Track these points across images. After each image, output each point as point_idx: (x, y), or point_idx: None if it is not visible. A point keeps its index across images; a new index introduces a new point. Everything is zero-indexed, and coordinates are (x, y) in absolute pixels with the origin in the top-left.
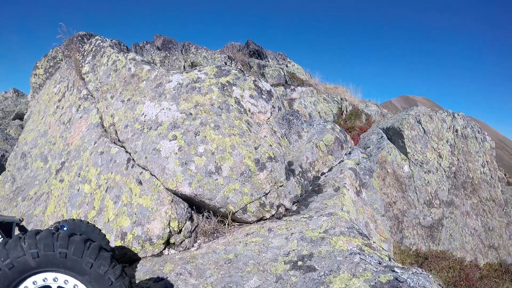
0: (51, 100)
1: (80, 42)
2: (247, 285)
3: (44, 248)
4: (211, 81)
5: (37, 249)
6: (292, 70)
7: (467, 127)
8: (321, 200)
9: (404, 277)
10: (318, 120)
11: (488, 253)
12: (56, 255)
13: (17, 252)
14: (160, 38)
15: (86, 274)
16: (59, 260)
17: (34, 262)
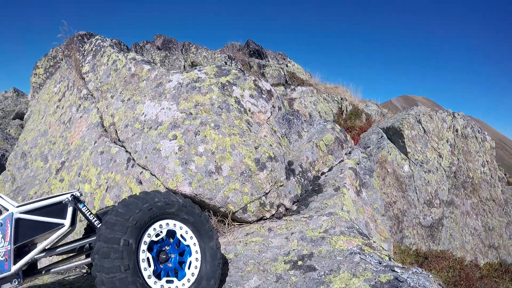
0: (51, 99)
1: (80, 42)
2: (247, 285)
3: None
4: (211, 81)
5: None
6: (292, 70)
7: (467, 127)
8: (321, 200)
9: (404, 276)
10: (318, 120)
11: (488, 252)
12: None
13: (154, 199)
14: (160, 38)
15: (190, 223)
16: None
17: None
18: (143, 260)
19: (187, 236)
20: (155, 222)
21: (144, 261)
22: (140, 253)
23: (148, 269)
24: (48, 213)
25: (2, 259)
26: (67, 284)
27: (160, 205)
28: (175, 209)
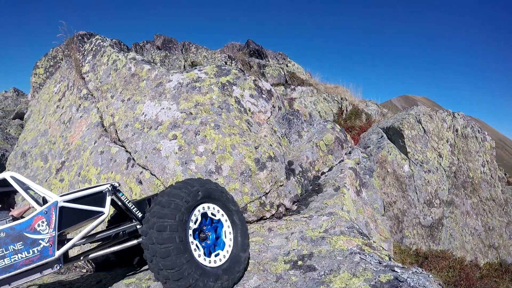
0: (51, 99)
1: (80, 42)
2: (247, 285)
3: None
4: (211, 81)
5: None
6: (292, 70)
7: (467, 127)
8: (321, 200)
9: (404, 276)
10: (318, 120)
11: (488, 252)
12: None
13: (200, 184)
14: (160, 38)
15: (220, 201)
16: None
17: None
18: (190, 235)
19: (221, 215)
20: (200, 204)
21: (190, 236)
22: (188, 230)
23: (194, 242)
24: (89, 202)
25: (46, 245)
26: (67, 284)
27: (206, 189)
28: (219, 195)
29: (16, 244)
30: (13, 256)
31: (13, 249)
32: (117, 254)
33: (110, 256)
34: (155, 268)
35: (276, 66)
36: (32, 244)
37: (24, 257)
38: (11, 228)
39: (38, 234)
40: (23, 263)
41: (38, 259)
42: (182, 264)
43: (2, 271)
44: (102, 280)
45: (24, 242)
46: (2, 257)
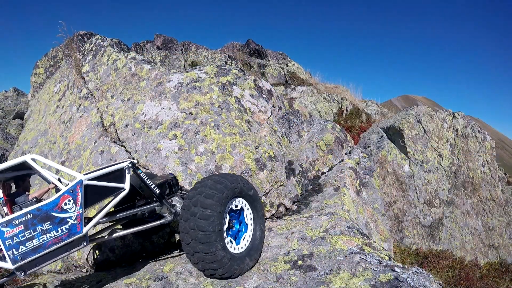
0: (51, 99)
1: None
2: (247, 285)
3: None
4: (211, 81)
5: None
6: (292, 70)
7: (467, 127)
8: (321, 200)
9: (404, 276)
10: (319, 120)
11: (488, 252)
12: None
13: (238, 181)
14: (160, 38)
15: (249, 199)
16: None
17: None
18: (225, 224)
19: (247, 209)
20: (235, 198)
21: (224, 225)
22: (224, 221)
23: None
24: (111, 179)
25: (74, 222)
26: (67, 284)
27: (241, 186)
28: (248, 191)
29: (44, 224)
30: (42, 237)
31: (41, 230)
32: (117, 254)
33: (110, 256)
34: (191, 250)
35: (276, 66)
36: (60, 222)
37: (53, 236)
38: (37, 209)
39: (65, 213)
40: (52, 242)
41: (67, 236)
42: (217, 250)
43: (31, 252)
44: (102, 280)
45: (52, 222)
46: (30, 239)
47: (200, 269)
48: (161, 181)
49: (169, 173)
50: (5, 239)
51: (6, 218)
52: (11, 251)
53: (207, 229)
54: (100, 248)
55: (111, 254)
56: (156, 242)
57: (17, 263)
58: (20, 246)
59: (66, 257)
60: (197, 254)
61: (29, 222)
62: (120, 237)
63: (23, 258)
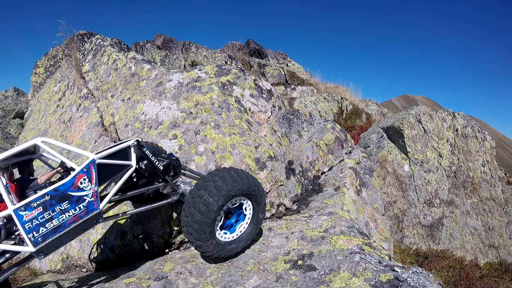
0: (51, 99)
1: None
2: (247, 284)
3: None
4: (211, 80)
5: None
6: (292, 69)
7: (467, 127)
8: (321, 199)
9: (404, 276)
10: (319, 119)
11: (488, 252)
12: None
13: (244, 181)
14: (160, 37)
15: (254, 200)
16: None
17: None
18: (221, 215)
19: (248, 208)
20: (239, 196)
21: (221, 215)
22: (221, 212)
23: (219, 222)
24: (120, 157)
25: (91, 200)
26: (67, 284)
27: (246, 187)
28: (253, 192)
29: (62, 204)
30: (61, 216)
31: (59, 209)
32: (117, 254)
33: (110, 255)
34: (186, 223)
35: (276, 66)
36: (77, 201)
37: (72, 214)
38: (54, 190)
39: (82, 191)
40: (71, 220)
41: (85, 214)
42: (205, 231)
43: (51, 233)
44: (102, 280)
45: (69, 201)
46: (50, 219)
47: (190, 241)
48: (165, 163)
49: (170, 153)
50: (24, 222)
51: (23, 202)
52: (31, 233)
53: (205, 214)
54: (100, 248)
55: (111, 254)
56: (156, 242)
57: (38, 245)
58: (40, 228)
59: (79, 237)
60: (189, 229)
61: (47, 203)
62: (135, 213)
63: (44, 239)
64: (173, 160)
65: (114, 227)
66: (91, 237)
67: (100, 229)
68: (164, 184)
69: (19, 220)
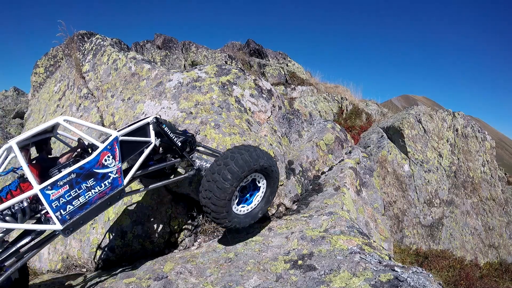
0: (51, 98)
1: (80, 41)
2: (247, 284)
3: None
4: (211, 80)
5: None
6: (292, 69)
7: (467, 126)
8: (321, 199)
9: (404, 276)
10: (319, 119)
11: (488, 252)
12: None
13: (259, 160)
14: (160, 37)
15: (269, 177)
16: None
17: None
18: (238, 188)
19: (262, 184)
20: (256, 172)
21: (237, 190)
22: (239, 186)
23: (235, 197)
24: (140, 134)
25: (116, 176)
26: (67, 283)
27: (261, 164)
28: (268, 169)
29: (88, 181)
30: (87, 193)
31: (86, 187)
32: (117, 254)
33: (110, 255)
34: (204, 195)
35: (276, 66)
36: (103, 178)
37: (98, 191)
38: (80, 168)
39: (106, 168)
40: (97, 197)
41: (110, 190)
42: (222, 202)
43: (78, 210)
44: (102, 280)
45: (95, 178)
46: (77, 197)
47: (207, 212)
48: (182, 139)
49: (184, 130)
50: (51, 201)
51: (49, 181)
52: (59, 212)
53: (222, 187)
54: (100, 248)
55: (111, 254)
56: (156, 242)
57: (66, 223)
58: (67, 205)
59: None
60: (206, 200)
61: (73, 181)
62: (155, 188)
63: (71, 217)
64: (189, 137)
65: (114, 227)
66: (91, 237)
67: (100, 229)
68: (180, 160)
69: (46, 199)
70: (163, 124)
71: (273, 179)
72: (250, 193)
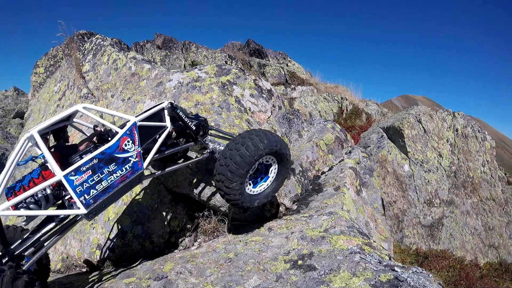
0: (51, 98)
1: (80, 41)
2: (247, 284)
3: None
4: (211, 80)
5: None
6: (292, 69)
7: (467, 126)
8: (321, 199)
9: (404, 276)
10: (319, 119)
11: (488, 252)
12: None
13: (272, 145)
14: (160, 37)
15: (281, 160)
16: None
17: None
18: (251, 171)
19: (274, 166)
20: (268, 155)
21: (249, 171)
22: (251, 169)
23: (248, 178)
24: (156, 119)
25: (136, 160)
26: (67, 283)
27: (278, 148)
28: (279, 151)
29: (110, 166)
30: (109, 177)
31: (108, 171)
32: (117, 254)
33: (110, 255)
34: (217, 177)
35: (276, 66)
36: (123, 162)
37: (119, 175)
38: (101, 153)
39: (126, 153)
40: (119, 181)
41: (131, 173)
42: (235, 184)
43: (101, 194)
44: (102, 279)
45: (116, 162)
46: (99, 181)
47: (221, 194)
48: (196, 123)
49: (196, 114)
50: (75, 186)
51: (72, 167)
52: (83, 196)
53: (235, 170)
54: (100, 248)
55: (111, 254)
56: (156, 242)
57: (90, 207)
58: (91, 190)
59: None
60: (220, 183)
61: (95, 167)
62: (173, 170)
63: (95, 200)
64: (201, 121)
65: (114, 227)
66: (91, 237)
67: (100, 229)
68: (193, 144)
69: (70, 185)
70: (177, 108)
71: (284, 161)
72: (262, 175)
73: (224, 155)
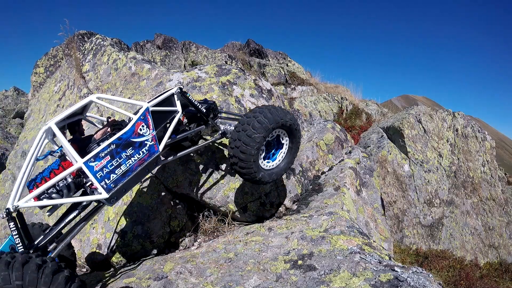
0: (51, 98)
1: (80, 41)
2: (247, 284)
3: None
4: (211, 80)
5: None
6: (292, 69)
7: (467, 127)
8: (321, 199)
9: (404, 276)
10: (319, 119)
11: (488, 252)
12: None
13: (283, 117)
14: (160, 37)
15: (291, 133)
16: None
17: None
18: (262, 145)
19: (285, 140)
20: (278, 128)
21: (262, 146)
22: (264, 143)
23: (262, 152)
24: (167, 104)
25: (151, 143)
26: None
27: (284, 121)
28: (289, 125)
29: (127, 150)
30: (128, 161)
31: (126, 156)
32: (116, 254)
33: (110, 255)
34: (232, 153)
35: (276, 66)
36: (140, 146)
37: (137, 158)
38: (118, 139)
39: (142, 137)
40: (137, 164)
41: (148, 157)
42: (251, 159)
43: (121, 177)
44: (102, 279)
45: (133, 147)
46: (118, 166)
47: (236, 170)
48: (206, 106)
49: (205, 99)
50: (95, 172)
51: (91, 153)
52: (104, 181)
53: (249, 144)
54: (100, 248)
55: (111, 254)
56: (156, 242)
57: (111, 192)
58: (111, 174)
59: None
60: (234, 159)
61: (114, 152)
62: (184, 155)
63: (116, 184)
64: (211, 104)
65: (114, 227)
66: (91, 237)
67: (100, 229)
68: (204, 127)
69: (91, 171)
70: (187, 93)
71: (295, 136)
72: (274, 150)
73: (233, 138)
